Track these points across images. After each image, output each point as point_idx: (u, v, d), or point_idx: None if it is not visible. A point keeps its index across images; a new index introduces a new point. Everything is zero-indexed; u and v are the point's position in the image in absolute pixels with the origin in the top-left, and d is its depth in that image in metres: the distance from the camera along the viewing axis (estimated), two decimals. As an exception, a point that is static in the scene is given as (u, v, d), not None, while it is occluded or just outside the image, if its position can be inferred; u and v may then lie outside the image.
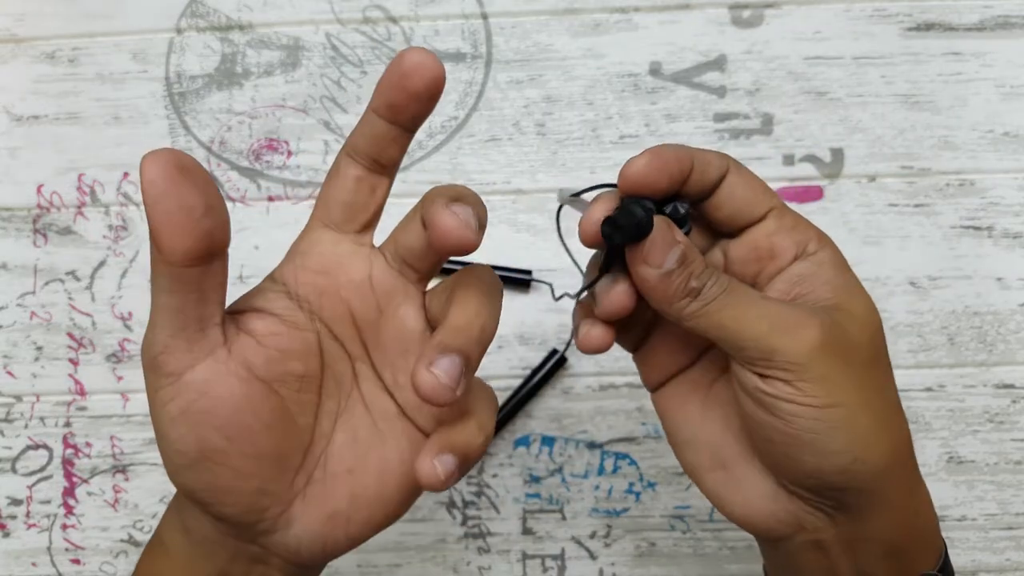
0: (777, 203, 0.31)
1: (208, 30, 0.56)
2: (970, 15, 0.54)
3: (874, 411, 0.28)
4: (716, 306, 0.28)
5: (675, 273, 0.28)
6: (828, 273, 0.30)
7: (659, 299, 0.29)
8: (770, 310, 0.28)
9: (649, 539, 0.53)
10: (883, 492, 0.29)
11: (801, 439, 0.28)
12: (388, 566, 0.53)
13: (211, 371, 0.27)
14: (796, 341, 0.27)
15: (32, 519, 0.54)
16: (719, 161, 0.30)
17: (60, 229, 0.55)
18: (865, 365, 0.29)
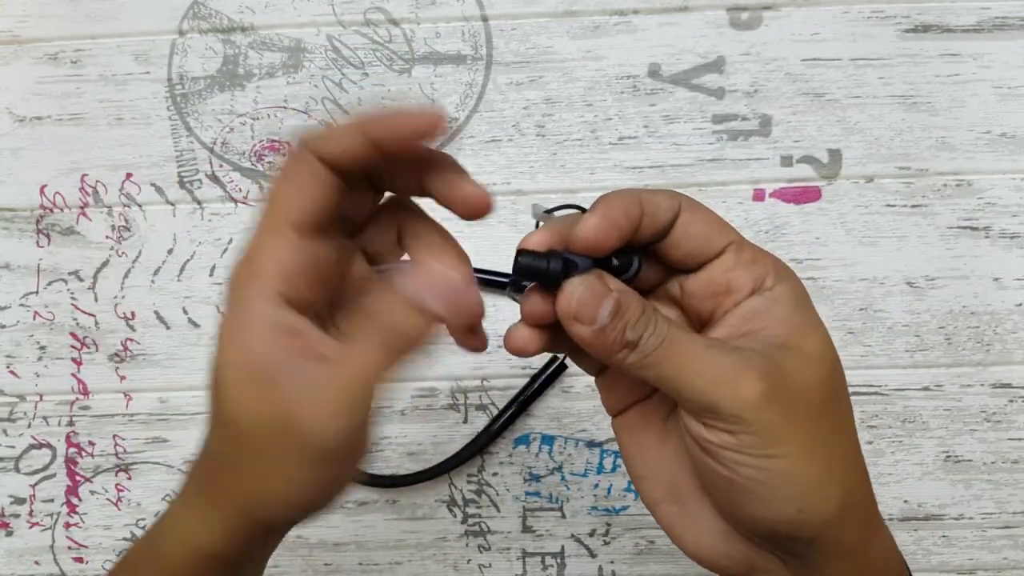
0: (735, 237, 0.30)
1: (210, 32, 0.56)
2: (967, 16, 0.55)
3: (821, 460, 0.27)
4: (654, 358, 0.28)
5: (609, 327, 0.28)
6: (782, 309, 0.29)
7: (597, 353, 0.29)
8: (710, 362, 0.27)
9: (648, 537, 0.53)
10: (835, 540, 0.28)
11: (745, 487, 0.28)
12: (389, 564, 0.54)
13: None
14: (736, 395, 0.27)
15: (35, 518, 0.55)
16: (669, 202, 0.29)
17: (63, 229, 0.56)
18: (814, 410, 0.28)
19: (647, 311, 0.28)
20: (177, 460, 0.55)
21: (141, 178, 0.56)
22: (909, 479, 0.53)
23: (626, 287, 0.29)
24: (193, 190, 0.56)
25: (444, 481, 0.53)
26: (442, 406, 0.54)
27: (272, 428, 0.27)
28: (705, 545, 0.30)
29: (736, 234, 0.30)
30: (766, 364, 0.27)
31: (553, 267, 0.29)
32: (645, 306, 0.29)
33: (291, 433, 0.27)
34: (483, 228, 0.54)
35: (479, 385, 0.54)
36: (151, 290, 0.55)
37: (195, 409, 0.55)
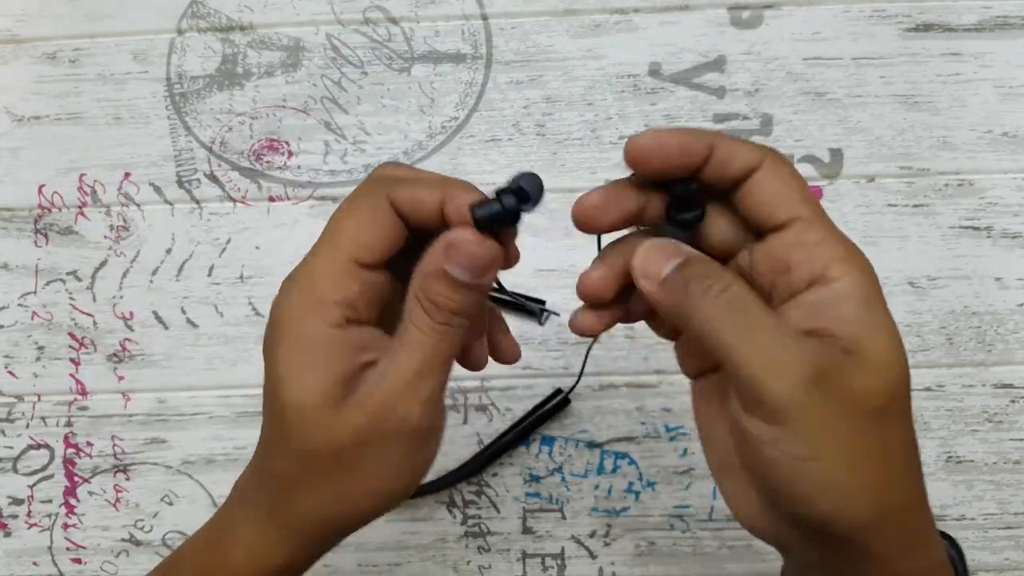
0: (805, 213, 0.28)
1: (209, 31, 0.56)
2: (969, 16, 0.54)
3: (860, 469, 0.27)
4: (719, 320, 0.27)
5: (672, 278, 0.28)
6: (848, 308, 0.27)
7: (662, 310, 0.29)
8: (767, 343, 0.26)
9: (649, 538, 0.53)
10: (871, 546, 0.27)
11: (778, 483, 0.27)
12: (388, 565, 0.53)
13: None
14: (783, 386, 0.26)
15: (33, 518, 0.55)
16: (750, 155, 0.28)
17: (61, 229, 0.55)
18: (864, 419, 0.26)
19: (720, 271, 0.28)
20: (175, 461, 0.54)
21: (139, 177, 0.55)
22: (910, 480, 0.53)
23: (702, 255, 0.28)
24: (192, 190, 0.55)
25: (444, 482, 0.53)
26: (442, 406, 0.54)
27: (366, 430, 0.28)
28: (751, 516, 0.30)
29: (809, 209, 0.28)
30: (824, 362, 0.26)
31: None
32: (720, 267, 0.28)
33: (387, 425, 0.28)
34: (483, 228, 0.54)
35: (479, 385, 0.54)
36: (149, 290, 0.55)
37: (194, 410, 0.54)
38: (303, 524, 0.30)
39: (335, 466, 0.29)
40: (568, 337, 0.54)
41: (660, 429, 0.53)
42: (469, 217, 0.28)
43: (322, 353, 0.28)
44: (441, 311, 0.29)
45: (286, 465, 0.30)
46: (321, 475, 0.29)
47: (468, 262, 0.28)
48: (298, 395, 0.28)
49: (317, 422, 0.28)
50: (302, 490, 0.30)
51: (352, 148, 0.55)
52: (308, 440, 0.29)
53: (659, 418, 0.53)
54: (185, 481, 0.54)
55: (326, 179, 0.55)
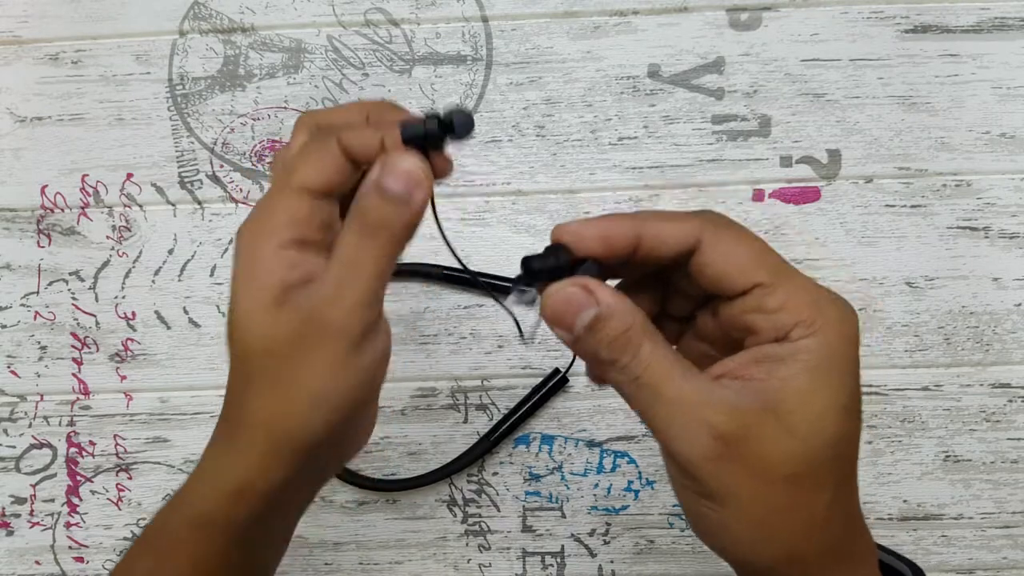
0: (764, 278, 0.28)
1: (211, 32, 0.56)
2: (967, 17, 0.55)
3: (765, 524, 0.27)
4: (629, 388, 0.28)
5: (583, 340, 0.28)
6: (792, 369, 0.27)
7: (580, 358, 0.30)
8: (676, 408, 0.27)
9: (648, 536, 0.53)
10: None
11: (695, 521, 0.30)
12: (389, 563, 0.54)
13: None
14: (687, 448, 0.27)
15: (36, 517, 0.55)
16: (682, 235, 0.28)
17: (64, 230, 0.56)
18: (772, 481, 0.27)
19: (630, 333, 0.28)
20: (178, 460, 0.55)
21: (142, 178, 0.56)
22: (908, 479, 0.53)
23: (620, 302, 0.28)
24: (194, 190, 0.56)
25: (444, 481, 0.54)
26: (442, 406, 0.54)
27: (296, 332, 0.30)
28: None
29: (766, 272, 0.28)
30: (733, 423, 0.27)
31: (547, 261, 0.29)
32: (630, 328, 0.28)
33: (315, 328, 0.29)
34: (483, 228, 0.55)
35: (479, 385, 0.54)
36: (152, 290, 0.55)
37: (196, 409, 0.55)
38: (252, 435, 0.31)
39: (272, 367, 0.30)
40: (568, 337, 0.54)
41: (659, 428, 0.53)
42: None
43: (266, 267, 0.30)
44: (368, 222, 0.30)
45: (234, 373, 0.31)
46: (260, 377, 0.30)
47: (398, 174, 0.30)
48: (242, 303, 0.30)
49: (256, 324, 0.30)
50: (245, 395, 0.31)
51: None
52: (248, 342, 0.30)
53: (658, 417, 0.54)
54: (187, 480, 0.54)
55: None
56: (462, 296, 0.54)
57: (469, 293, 0.54)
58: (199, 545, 0.32)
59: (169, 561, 0.32)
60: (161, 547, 0.33)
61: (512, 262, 0.54)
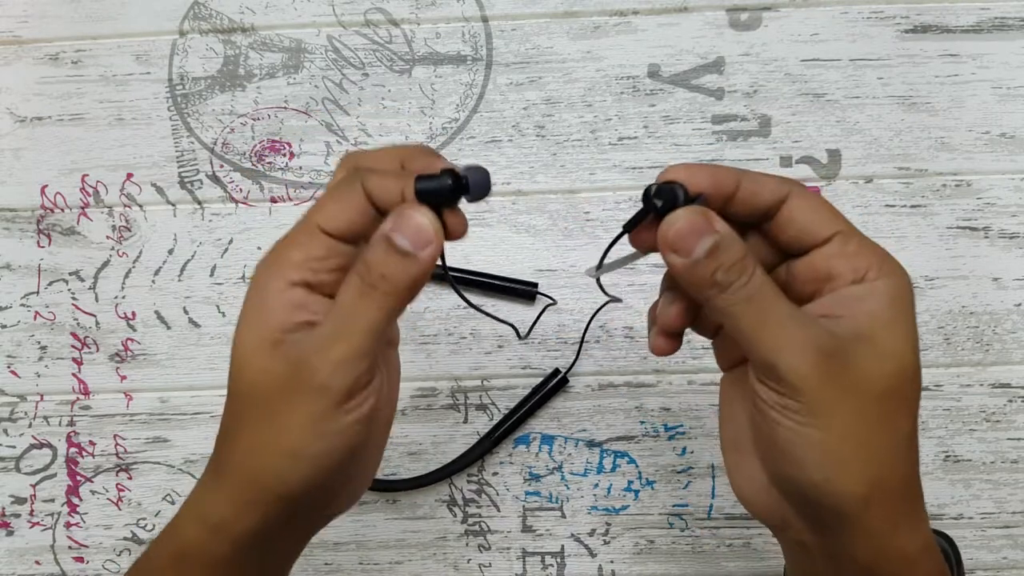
0: (843, 227, 0.31)
1: (211, 32, 0.56)
2: (967, 17, 0.55)
3: (857, 442, 0.29)
4: (739, 308, 0.29)
5: (702, 263, 0.29)
6: (874, 303, 0.30)
7: (687, 286, 0.30)
8: (785, 327, 0.29)
9: (648, 536, 0.53)
10: (859, 519, 0.29)
11: (781, 447, 0.30)
12: (389, 563, 0.54)
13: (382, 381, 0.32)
14: (794, 362, 0.29)
15: (36, 517, 0.55)
16: (775, 187, 0.31)
17: (64, 230, 0.56)
18: (867, 398, 0.29)
19: (746, 260, 0.29)
20: (178, 460, 0.55)
21: (142, 178, 0.56)
22: (908, 479, 0.53)
23: (733, 233, 0.30)
24: (194, 190, 0.56)
25: (444, 481, 0.54)
26: (442, 406, 0.54)
27: (283, 380, 0.30)
28: (751, 494, 0.33)
29: (846, 225, 0.31)
30: (833, 344, 0.29)
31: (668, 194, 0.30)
32: (746, 254, 0.30)
33: (300, 379, 0.29)
34: (483, 228, 0.55)
35: (479, 385, 0.54)
36: (151, 290, 0.55)
37: (196, 409, 0.55)
38: (232, 477, 0.31)
39: (256, 412, 0.30)
40: (568, 336, 0.54)
41: (659, 428, 0.54)
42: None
43: (271, 304, 0.30)
44: (371, 274, 0.30)
45: (227, 407, 0.31)
46: (246, 419, 0.31)
47: (408, 229, 0.30)
48: (242, 338, 0.30)
49: (250, 363, 0.30)
50: (232, 435, 0.31)
51: (353, 149, 0.55)
52: (241, 380, 0.30)
53: (658, 417, 0.54)
54: (187, 480, 0.54)
55: (327, 180, 0.55)
56: (462, 296, 0.54)
57: (468, 293, 0.54)
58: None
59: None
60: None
61: (512, 262, 0.54)
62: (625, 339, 0.54)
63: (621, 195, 0.55)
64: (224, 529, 0.31)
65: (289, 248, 0.31)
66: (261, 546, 0.32)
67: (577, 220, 0.55)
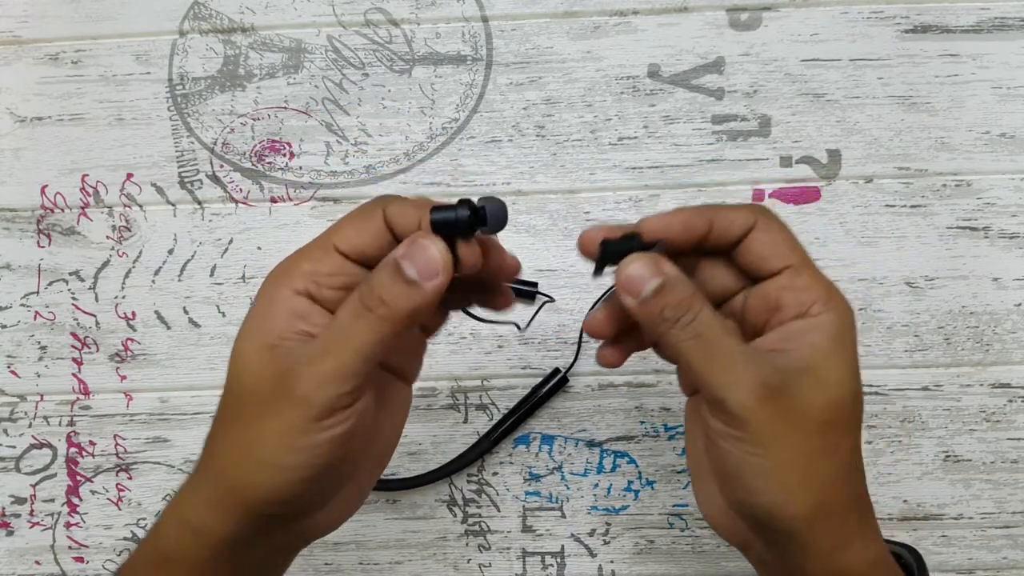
0: (796, 261, 0.33)
1: (211, 32, 0.56)
2: (967, 17, 0.55)
3: (800, 469, 0.31)
4: (688, 345, 0.31)
5: (650, 302, 0.31)
6: (817, 336, 0.31)
7: (641, 323, 0.32)
8: (728, 363, 0.31)
9: (648, 536, 0.53)
10: (807, 539, 0.31)
11: (732, 474, 0.32)
12: (389, 564, 0.54)
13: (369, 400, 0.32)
14: (739, 397, 0.30)
15: (36, 517, 0.55)
16: (744, 219, 0.33)
17: (64, 230, 0.56)
18: (810, 428, 0.31)
19: (692, 299, 0.31)
20: (178, 460, 0.55)
21: (142, 178, 0.56)
22: (908, 479, 0.53)
23: (681, 276, 0.32)
24: (194, 190, 0.56)
25: (444, 481, 0.54)
26: (442, 406, 0.54)
27: (269, 385, 0.30)
28: (713, 516, 0.34)
29: (799, 258, 0.33)
30: (778, 379, 0.31)
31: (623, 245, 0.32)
32: (692, 295, 0.31)
33: (284, 388, 0.30)
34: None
35: (479, 385, 0.54)
36: (152, 290, 0.55)
37: (195, 409, 0.55)
38: (212, 480, 0.31)
39: (243, 414, 0.31)
40: (568, 336, 0.54)
41: (659, 428, 0.54)
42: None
43: (274, 308, 0.31)
44: (371, 296, 0.30)
45: (219, 408, 0.32)
46: (234, 422, 0.31)
47: (418, 258, 0.30)
48: (242, 339, 0.31)
49: (244, 365, 0.31)
50: (219, 438, 0.32)
51: (353, 149, 0.55)
52: (234, 380, 0.31)
53: (658, 417, 0.54)
54: (187, 480, 0.54)
55: (327, 180, 0.55)
56: (462, 296, 0.54)
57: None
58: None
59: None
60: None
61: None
62: (625, 339, 0.54)
63: (621, 195, 0.55)
64: (204, 533, 0.31)
65: (301, 260, 0.32)
66: (237, 556, 0.32)
67: (577, 220, 0.55)
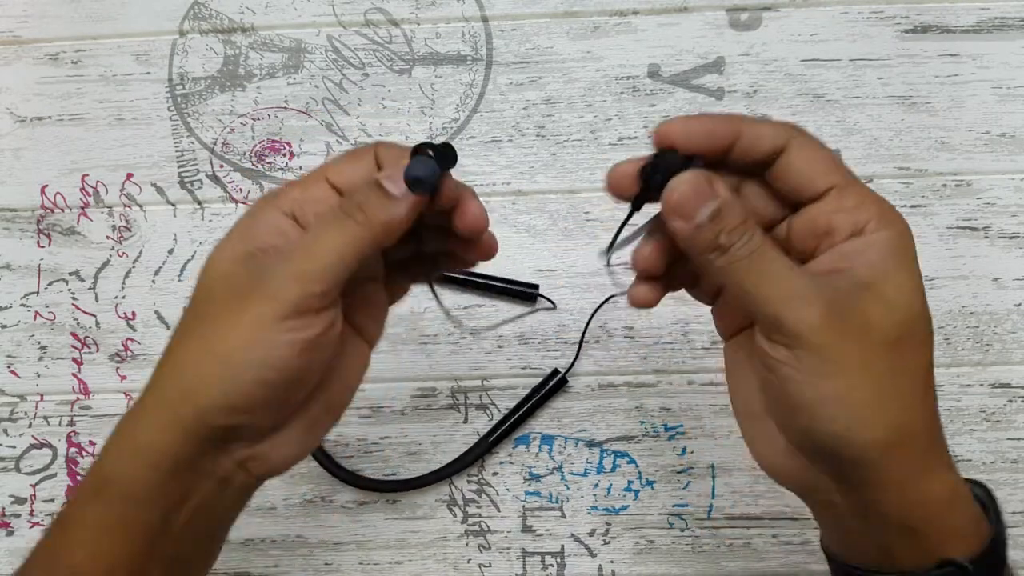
0: (840, 180, 0.31)
1: (211, 32, 0.56)
2: (967, 17, 0.55)
3: (872, 390, 0.29)
4: (741, 268, 0.29)
5: (706, 227, 0.29)
6: (875, 254, 0.30)
7: (689, 249, 0.30)
8: (787, 283, 0.29)
9: (648, 536, 0.53)
10: (883, 468, 0.29)
11: (796, 402, 0.29)
12: (389, 564, 0.54)
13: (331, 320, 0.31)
14: (800, 315, 0.28)
15: (36, 517, 0.55)
16: (775, 134, 0.31)
17: (64, 230, 0.56)
18: (877, 346, 0.29)
19: (747, 222, 0.30)
20: (178, 460, 0.55)
21: (142, 178, 0.56)
22: (908, 479, 0.53)
23: (734, 197, 0.30)
24: (194, 190, 0.56)
25: (444, 481, 0.54)
26: (442, 406, 0.54)
27: (241, 284, 0.30)
28: (772, 460, 0.32)
29: (843, 177, 0.31)
30: (837, 296, 0.29)
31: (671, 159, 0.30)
32: (746, 217, 0.30)
33: (254, 285, 0.30)
34: (483, 228, 0.55)
35: (479, 385, 0.54)
36: (152, 290, 0.55)
37: (196, 409, 0.55)
38: (163, 394, 0.31)
39: (207, 316, 0.31)
40: (568, 337, 0.54)
41: (659, 428, 0.54)
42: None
43: (256, 225, 0.32)
44: (350, 204, 0.31)
45: (181, 320, 0.32)
46: (195, 327, 0.31)
47: (396, 174, 0.31)
48: (220, 248, 0.32)
49: (216, 270, 0.31)
50: (176, 346, 0.32)
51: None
52: (202, 286, 0.31)
53: (658, 417, 0.54)
54: (187, 480, 0.54)
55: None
56: (462, 296, 0.54)
57: (469, 293, 0.54)
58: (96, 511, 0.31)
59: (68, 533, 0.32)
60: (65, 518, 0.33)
61: (512, 262, 0.54)
62: (625, 339, 0.54)
63: (621, 195, 0.55)
64: (146, 451, 0.30)
65: (292, 187, 0.33)
66: (181, 480, 0.31)
67: (577, 220, 0.55)
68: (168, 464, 0.30)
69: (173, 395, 0.31)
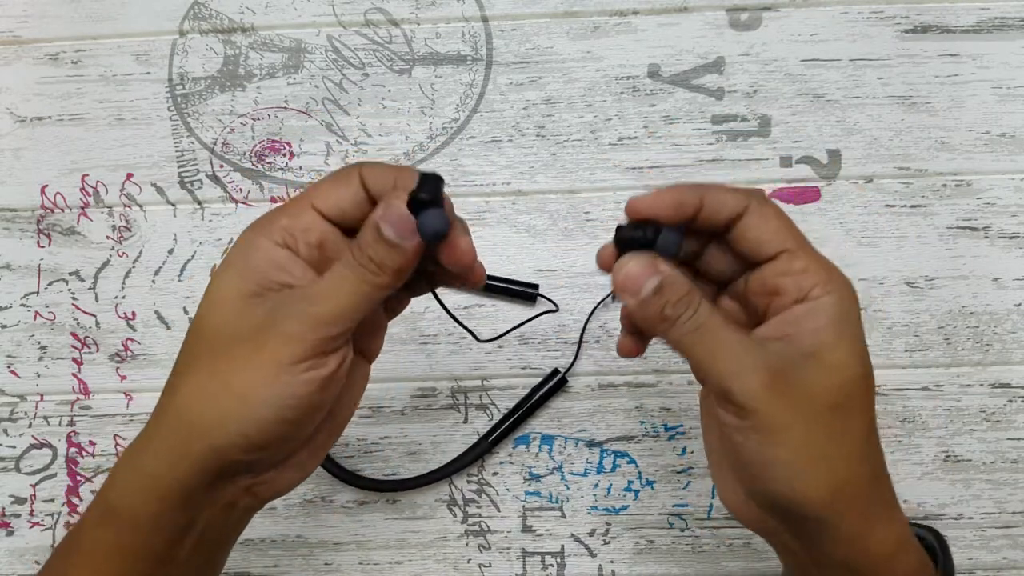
0: (791, 245, 0.33)
1: (211, 32, 0.56)
2: (967, 17, 0.55)
3: (819, 451, 0.31)
4: (691, 340, 0.32)
5: (650, 301, 0.32)
6: (818, 321, 0.31)
7: (640, 323, 0.33)
8: (733, 355, 0.31)
9: (648, 536, 0.53)
10: (830, 524, 0.31)
11: (747, 463, 0.32)
12: (389, 564, 0.54)
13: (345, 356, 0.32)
14: (747, 386, 0.30)
15: (36, 517, 0.55)
16: (735, 202, 0.33)
17: (64, 230, 0.56)
18: (820, 411, 0.31)
19: (690, 296, 0.32)
20: (178, 460, 0.55)
21: (142, 178, 0.56)
22: (908, 479, 0.53)
23: (678, 273, 0.32)
24: (194, 190, 0.56)
25: (444, 481, 0.54)
26: (442, 406, 0.54)
27: (257, 324, 0.31)
28: (734, 506, 0.34)
29: (795, 242, 0.33)
30: (783, 364, 0.31)
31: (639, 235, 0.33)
32: (690, 292, 0.32)
33: (273, 325, 0.31)
34: (483, 229, 0.55)
35: (479, 385, 0.54)
36: (152, 290, 0.55)
37: (195, 409, 0.55)
38: (173, 424, 0.31)
39: (220, 353, 0.31)
40: (568, 337, 0.54)
41: (659, 428, 0.54)
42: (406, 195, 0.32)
43: (256, 256, 0.32)
44: (361, 255, 0.31)
45: (184, 351, 0.33)
46: (205, 361, 0.32)
47: (393, 217, 0.31)
48: (222, 282, 0.32)
49: (225, 307, 0.32)
50: (184, 378, 0.32)
51: (353, 149, 0.56)
52: (210, 321, 0.32)
53: (658, 417, 0.54)
54: (187, 480, 0.54)
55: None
56: (462, 296, 0.54)
57: (469, 293, 0.54)
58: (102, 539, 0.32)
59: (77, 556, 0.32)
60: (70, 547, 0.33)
61: (512, 262, 0.54)
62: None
63: (621, 195, 0.55)
64: (155, 483, 0.31)
65: (279, 215, 0.33)
66: (188, 510, 0.32)
67: (577, 220, 0.55)
68: (177, 497, 0.31)
69: (183, 428, 0.31)
